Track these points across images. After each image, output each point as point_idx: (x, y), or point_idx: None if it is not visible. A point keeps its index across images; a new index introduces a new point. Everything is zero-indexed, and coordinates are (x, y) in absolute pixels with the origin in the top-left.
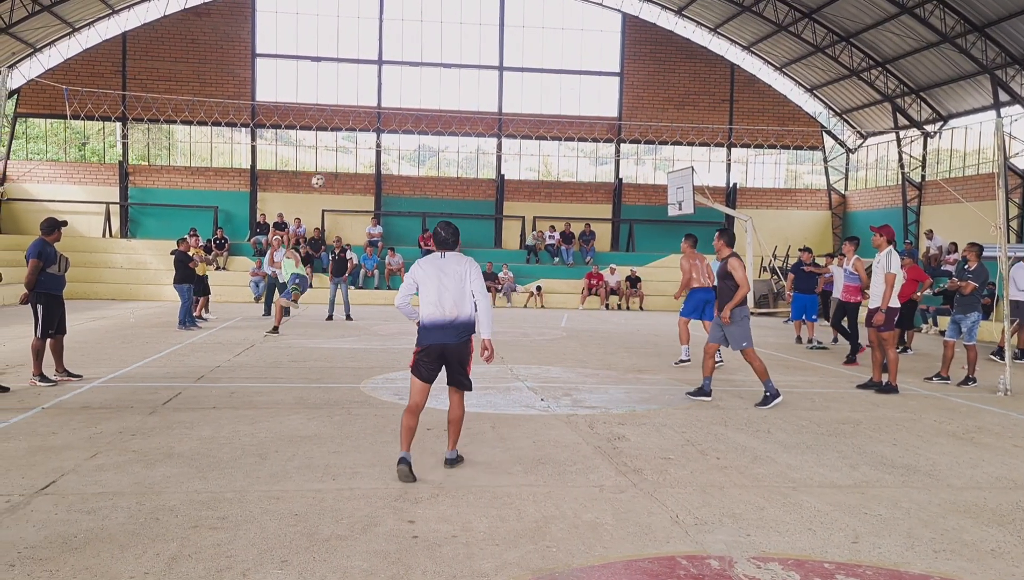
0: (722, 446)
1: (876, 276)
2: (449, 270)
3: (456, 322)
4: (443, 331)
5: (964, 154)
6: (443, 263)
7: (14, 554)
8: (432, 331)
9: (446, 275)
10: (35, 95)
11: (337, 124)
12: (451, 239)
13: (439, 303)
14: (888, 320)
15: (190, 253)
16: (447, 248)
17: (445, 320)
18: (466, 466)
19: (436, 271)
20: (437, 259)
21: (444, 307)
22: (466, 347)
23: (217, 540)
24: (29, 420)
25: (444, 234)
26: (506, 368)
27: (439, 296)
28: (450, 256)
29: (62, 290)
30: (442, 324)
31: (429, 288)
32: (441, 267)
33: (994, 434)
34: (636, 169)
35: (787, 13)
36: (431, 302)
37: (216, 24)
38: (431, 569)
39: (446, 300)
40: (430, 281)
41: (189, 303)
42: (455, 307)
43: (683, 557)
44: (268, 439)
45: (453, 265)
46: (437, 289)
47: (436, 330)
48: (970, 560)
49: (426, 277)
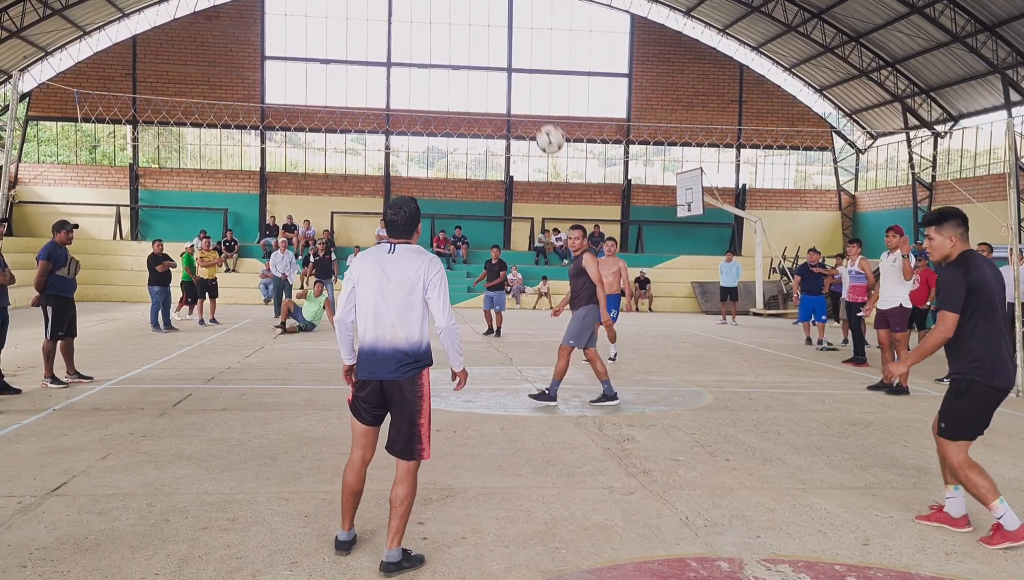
0: (731, 448)
1: (894, 276)
2: (395, 273)
3: (397, 349)
4: (379, 361)
5: (975, 154)
6: (388, 262)
7: (26, 555)
8: (367, 360)
9: (389, 279)
10: (46, 98)
11: (346, 126)
12: (405, 224)
13: (376, 319)
14: (902, 320)
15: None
16: (400, 237)
17: (382, 345)
18: (474, 468)
19: (377, 272)
20: (381, 255)
21: (382, 326)
22: (413, 388)
23: (227, 541)
24: (41, 422)
25: (395, 216)
26: (515, 369)
27: (376, 308)
28: (402, 251)
29: (72, 292)
30: (378, 351)
31: (365, 296)
32: (384, 267)
33: (1005, 435)
34: (645, 170)
35: (796, 13)
36: (366, 317)
37: (225, 27)
38: (440, 570)
39: (385, 316)
40: (367, 286)
41: (159, 306)
42: (396, 326)
43: (693, 559)
44: (278, 441)
45: (403, 266)
46: (375, 299)
47: (371, 359)
48: (982, 563)
49: (362, 280)
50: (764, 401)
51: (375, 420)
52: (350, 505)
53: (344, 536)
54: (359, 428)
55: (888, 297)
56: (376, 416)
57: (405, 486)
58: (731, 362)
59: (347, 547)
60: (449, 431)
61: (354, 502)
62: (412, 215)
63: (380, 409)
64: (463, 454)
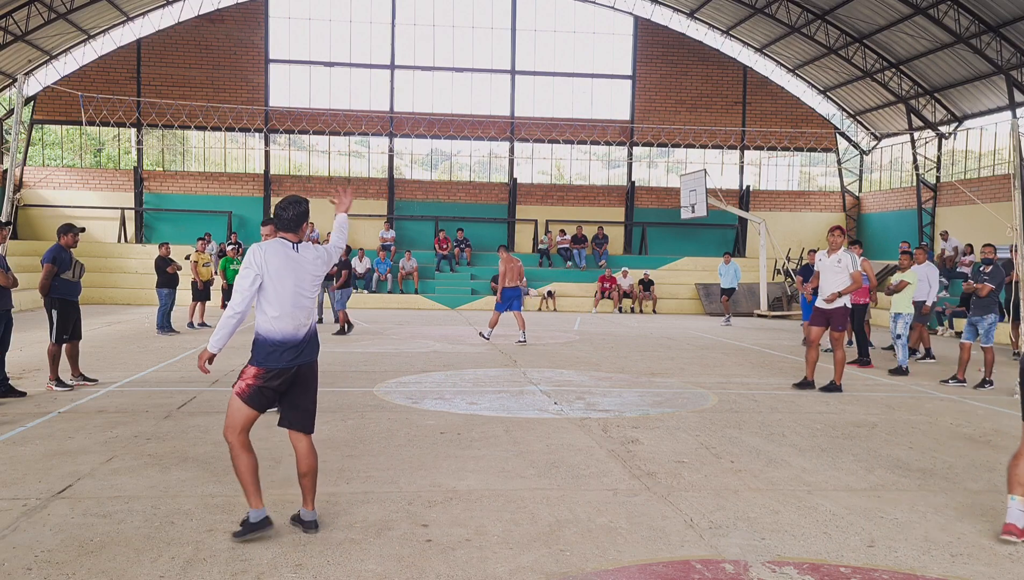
0: (736, 450)
1: (837, 276)
2: (308, 267)
3: (312, 335)
4: (302, 348)
5: (979, 155)
6: (299, 257)
7: (31, 557)
8: (290, 350)
9: (304, 273)
10: (51, 102)
11: (350, 129)
12: (292, 220)
13: (297, 310)
14: (844, 320)
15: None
16: (288, 232)
17: (304, 334)
18: (478, 470)
19: (292, 267)
20: (288, 251)
21: (302, 316)
22: (315, 368)
23: (232, 544)
24: (46, 424)
25: (283, 212)
26: (519, 371)
27: (296, 301)
28: (304, 247)
29: (77, 296)
30: (301, 339)
31: (282, 290)
32: (298, 262)
33: (1012, 437)
34: (649, 172)
35: (800, 15)
36: (283, 309)
37: (230, 30)
38: (445, 572)
39: (303, 307)
40: (283, 281)
41: (167, 307)
42: (310, 315)
43: (698, 561)
44: (282, 443)
45: (312, 260)
46: (293, 292)
47: (294, 348)
48: (988, 564)
49: (278, 273)
50: (768, 403)
51: (270, 405)
52: (255, 479)
53: (263, 512)
54: (252, 417)
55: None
56: (272, 401)
57: (315, 454)
58: (735, 364)
59: (269, 522)
60: (453, 433)
61: (256, 474)
62: (301, 214)
63: (279, 394)
64: (467, 456)
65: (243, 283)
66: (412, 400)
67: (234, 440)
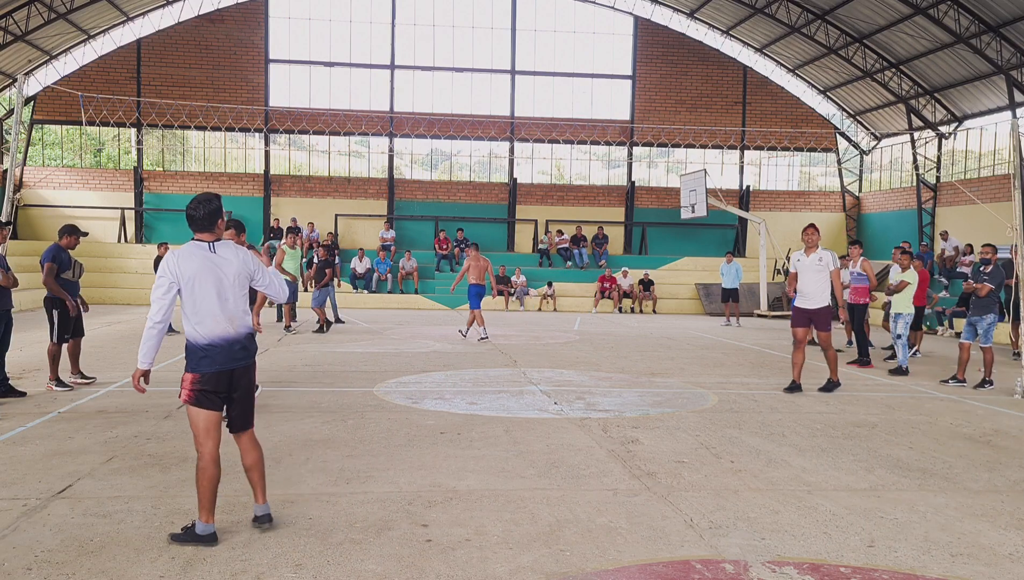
0: (736, 449)
1: (818, 275)
2: (229, 269)
3: (242, 338)
4: (234, 352)
5: (979, 155)
6: (218, 259)
7: (31, 557)
8: (220, 353)
9: (226, 276)
10: (51, 102)
11: (350, 129)
12: (205, 219)
13: (223, 314)
14: (827, 320)
15: None
16: (203, 232)
17: (233, 337)
18: (479, 470)
19: (212, 270)
20: (205, 253)
21: (230, 320)
22: (252, 369)
23: (232, 544)
24: (46, 424)
25: (195, 212)
26: (519, 371)
27: (221, 305)
28: (223, 247)
29: (77, 295)
30: (232, 343)
31: (204, 294)
32: (217, 265)
33: (1011, 437)
34: (649, 172)
35: (800, 15)
36: (210, 314)
37: (230, 31)
38: (445, 573)
39: (231, 310)
40: (204, 285)
41: None
42: (240, 318)
43: (698, 561)
44: (282, 443)
45: (233, 261)
46: (218, 296)
47: (226, 352)
48: (988, 564)
49: (195, 278)
50: (768, 403)
51: (223, 403)
52: (215, 496)
53: (212, 528)
54: (212, 417)
55: (812, 296)
56: (223, 400)
57: (259, 448)
58: (735, 364)
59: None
60: (453, 433)
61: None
62: (213, 212)
63: (224, 394)
64: (467, 456)
65: (156, 293)
66: (412, 400)
67: (201, 448)
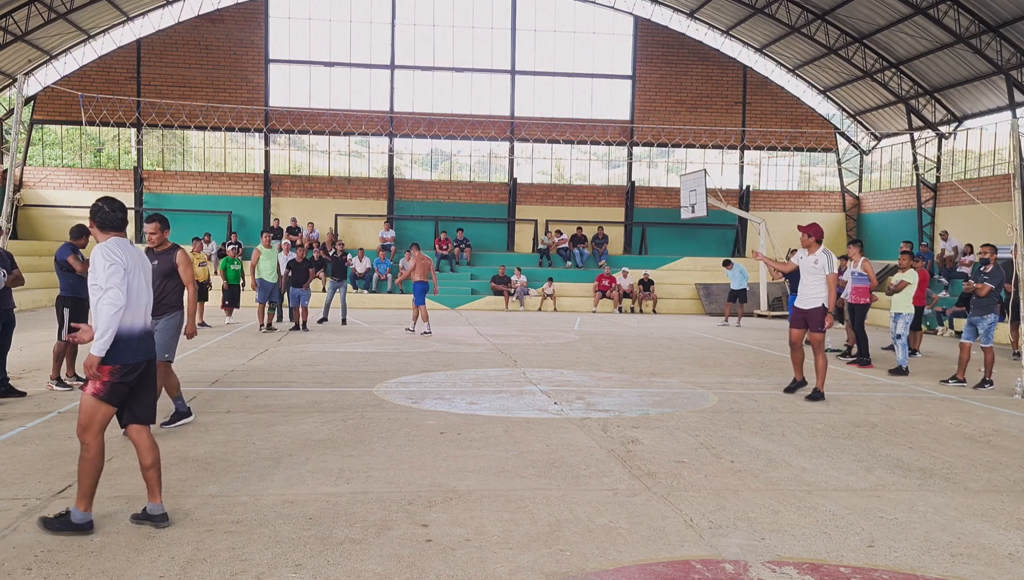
0: (736, 449)
1: (813, 276)
2: (147, 263)
3: (150, 331)
4: (148, 342)
5: (979, 155)
6: (141, 255)
7: (31, 557)
8: (141, 343)
9: (149, 271)
10: (51, 102)
11: (350, 129)
12: (124, 221)
13: (146, 306)
14: (822, 321)
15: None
16: (119, 232)
17: (142, 328)
18: (479, 470)
19: (141, 264)
20: (130, 248)
21: (148, 312)
22: (155, 365)
23: (231, 544)
24: (45, 424)
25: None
26: (519, 371)
27: (147, 297)
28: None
29: (87, 294)
30: (140, 333)
31: (134, 283)
32: (144, 260)
33: (1012, 437)
34: (649, 172)
35: (800, 15)
36: (136, 305)
37: (230, 31)
38: (445, 572)
39: (141, 303)
40: (136, 274)
41: None
42: (148, 311)
43: (697, 561)
44: (282, 443)
45: (144, 255)
46: (145, 288)
47: (145, 342)
48: (988, 564)
49: (133, 268)
50: (768, 403)
51: (123, 400)
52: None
53: (91, 516)
54: (111, 412)
55: (808, 296)
56: (127, 394)
57: (156, 446)
58: (735, 364)
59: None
60: (453, 433)
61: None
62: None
63: (131, 387)
64: (467, 456)
65: (115, 278)
66: (412, 400)
67: (92, 442)
